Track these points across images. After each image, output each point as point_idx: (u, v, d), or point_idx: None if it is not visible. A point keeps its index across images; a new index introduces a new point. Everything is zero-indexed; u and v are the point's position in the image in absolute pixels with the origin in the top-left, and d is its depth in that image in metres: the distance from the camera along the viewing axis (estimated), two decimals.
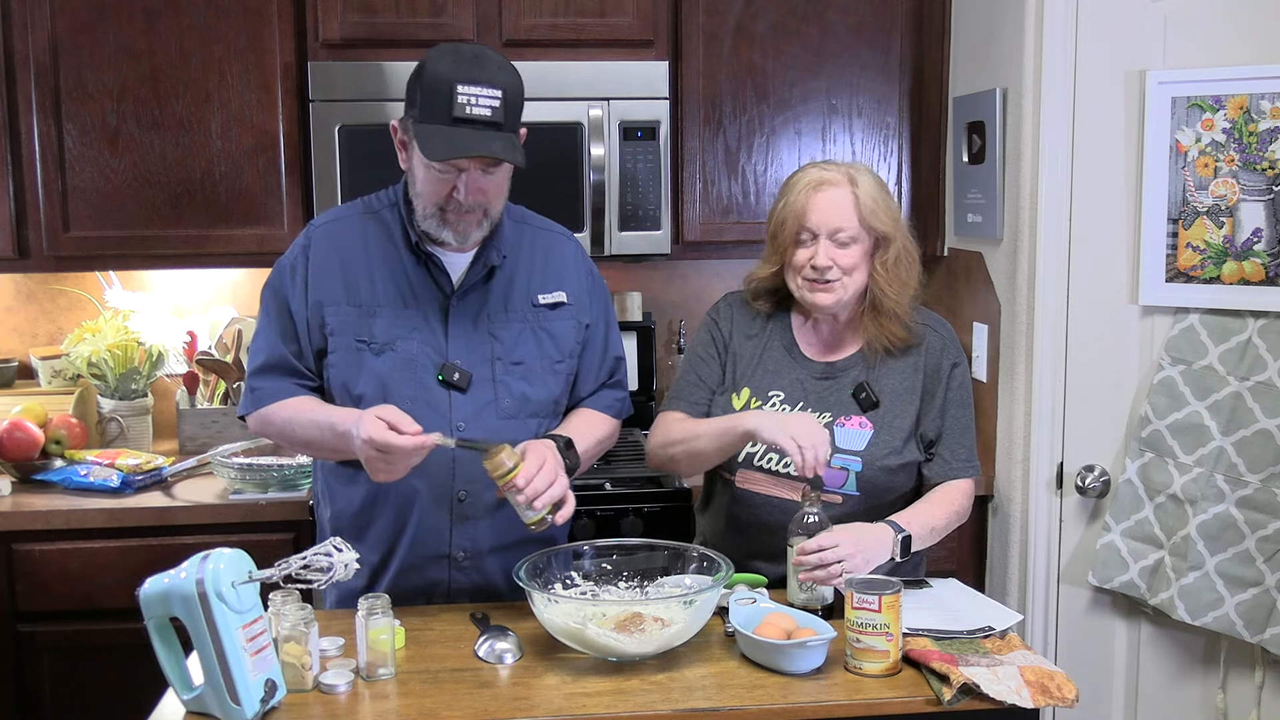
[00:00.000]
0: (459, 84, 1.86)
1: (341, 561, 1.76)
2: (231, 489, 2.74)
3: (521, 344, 2.06)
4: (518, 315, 2.07)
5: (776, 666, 1.73)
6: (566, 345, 2.10)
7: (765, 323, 2.19)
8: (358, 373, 2.01)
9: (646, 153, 2.91)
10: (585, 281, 2.15)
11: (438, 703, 1.65)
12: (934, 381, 2.12)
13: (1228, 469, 2.40)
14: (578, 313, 2.12)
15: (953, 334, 2.19)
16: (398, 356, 2.01)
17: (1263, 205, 2.36)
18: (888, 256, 2.05)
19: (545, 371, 2.08)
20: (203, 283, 3.25)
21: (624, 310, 3.30)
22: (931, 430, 2.12)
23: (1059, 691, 1.66)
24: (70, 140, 2.83)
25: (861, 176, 2.06)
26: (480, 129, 1.88)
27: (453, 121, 1.87)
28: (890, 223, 2.06)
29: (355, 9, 2.85)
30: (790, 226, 2.05)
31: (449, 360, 2.02)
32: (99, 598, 2.64)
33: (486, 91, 1.87)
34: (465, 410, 2.01)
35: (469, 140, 1.87)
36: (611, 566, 1.97)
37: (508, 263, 2.07)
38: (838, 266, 2.03)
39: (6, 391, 3.11)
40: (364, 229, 2.06)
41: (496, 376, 2.04)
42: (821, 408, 2.08)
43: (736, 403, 2.12)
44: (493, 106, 1.88)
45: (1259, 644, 2.39)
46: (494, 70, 1.90)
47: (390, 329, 2.01)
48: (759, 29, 2.99)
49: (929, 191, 3.09)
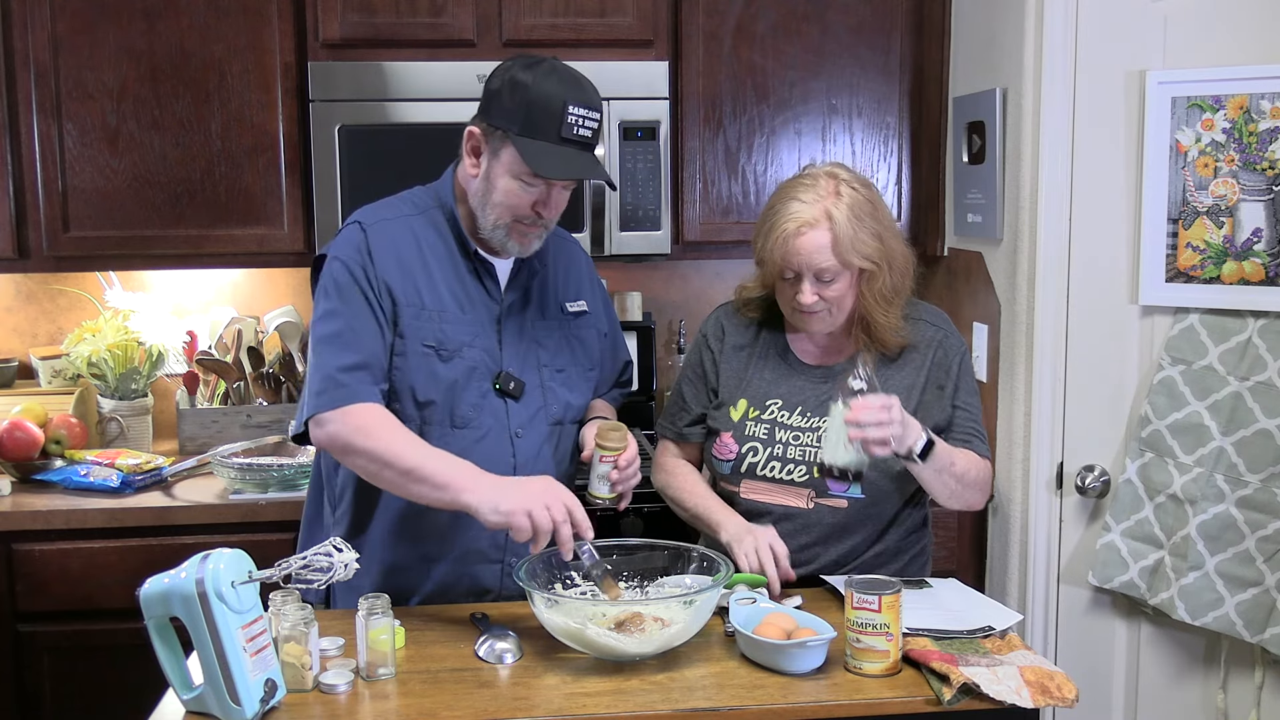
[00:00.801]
0: (571, 104, 1.88)
1: (341, 561, 1.76)
2: (231, 489, 2.74)
3: (562, 352, 2.10)
4: (555, 323, 2.10)
5: (776, 666, 1.73)
6: (594, 354, 2.15)
7: (758, 331, 2.18)
8: (427, 379, 1.98)
9: (646, 153, 2.91)
10: (595, 289, 2.20)
11: (438, 703, 1.65)
12: (942, 374, 2.10)
13: (1228, 469, 2.40)
14: (596, 321, 2.17)
15: (949, 323, 2.17)
16: (464, 363, 2.00)
17: (1263, 205, 2.36)
18: (875, 285, 2.02)
19: (581, 379, 2.12)
20: (203, 283, 3.25)
21: (624, 310, 3.30)
22: (942, 418, 2.10)
23: (1059, 691, 1.66)
24: (70, 140, 2.83)
25: (838, 208, 1.96)
26: (581, 150, 1.92)
27: (560, 140, 1.89)
28: (872, 252, 1.98)
29: (355, 9, 2.85)
30: (772, 268, 2.03)
31: (505, 368, 2.02)
32: (99, 598, 2.64)
33: (593, 114, 1.92)
34: (520, 418, 2.03)
35: (578, 161, 1.91)
36: (611, 566, 1.96)
37: (543, 268, 2.10)
38: (823, 300, 2.01)
39: (6, 391, 3.11)
40: (415, 230, 2.02)
41: (544, 383, 2.06)
42: (821, 412, 2.07)
43: (734, 414, 2.12)
44: (594, 128, 1.92)
45: (1259, 644, 2.39)
46: (593, 92, 1.94)
47: (457, 335, 2.00)
48: (759, 29, 2.99)
49: (929, 191, 3.09)
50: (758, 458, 2.08)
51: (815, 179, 2.01)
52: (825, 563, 2.08)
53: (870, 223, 1.99)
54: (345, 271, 1.95)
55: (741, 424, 2.10)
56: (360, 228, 1.99)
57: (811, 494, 2.06)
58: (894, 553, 2.13)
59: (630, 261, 3.20)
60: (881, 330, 2.06)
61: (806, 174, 2.04)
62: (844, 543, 2.08)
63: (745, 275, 2.22)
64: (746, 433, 2.09)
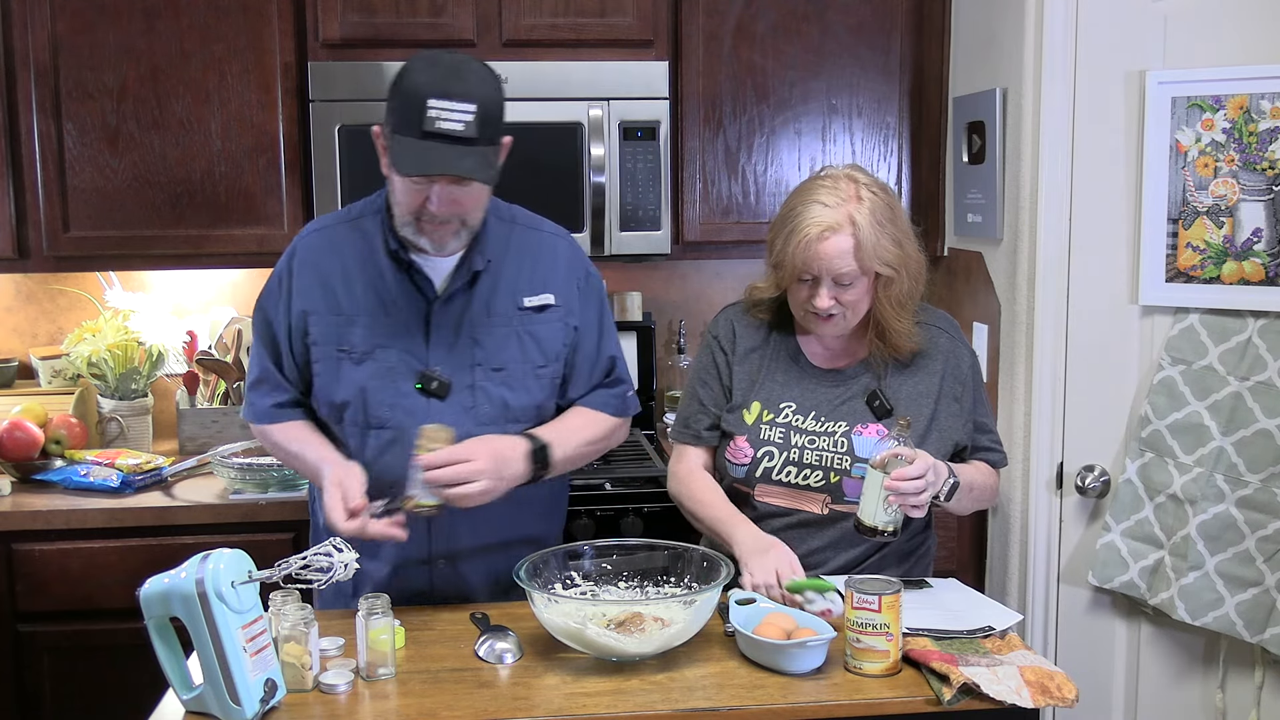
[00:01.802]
0: (431, 98, 1.84)
1: (341, 561, 1.76)
2: (231, 489, 2.74)
3: (505, 349, 2.04)
4: (501, 320, 2.05)
5: (776, 666, 1.73)
6: (552, 349, 2.07)
7: (768, 333, 2.16)
8: (338, 382, 2.02)
9: (646, 153, 2.91)
10: (576, 282, 2.11)
11: (438, 703, 1.65)
12: (958, 386, 2.10)
13: (1228, 469, 2.40)
14: (566, 315, 2.09)
15: (959, 330, 2.17)
16: (377, 365, 2.01)
17: (1263, 205, 2.36)
18: (891, 291, 2.01)
19: (527, 376, 2.05)
20: (203, 283, 3.25)
21: (624, 310, 3.30)
22: (965, 436, 2.12)
23: (1059, 691, 1.66)
24: (70, 140, 2.83)
25: (861, 212, 1.95)
26: (452, 143, 1.85)
27: (423, 135, 1.84)
28: (892, 258, 1.98)
29: (355, 9, 2.85)
30: (790, 271, 2.00)
31: (429, 368, 2.01)
32: (99, 598, 2.63)
33: (460, 106, 1.84)
34: (443, 417, 1.99)
35: (437, 156, 1.85)
36: (611, 566, 1.96)
37: (493, 266, 2.05)
38: (839, 304, 2.00)
39: (6, 391, 3.11)
40: (347, 237, 2.06)
41: (476, 383, 2.02)
42: (835, 417, 2.07)
43: (748, 417, 2.11)
44: (465, 121, 1.84)
45: (1259, 644, 2.39)
46: (472, 83, 1.87)
47: (370, 337, 2.01)
48: (759, 29, 2.99)
49: (929, 191, 3.09)
50: (773, 462, 2.07)
51: (836, 181, 2.00)
52: (834, 567, 2.08)
53: (890, 228, 1.98)
54: (265, 289, 2.10)
55: (756, 427, 2.09)
56: (295, 242, 2.11)
57: (827, 499, 2.06)
58: (900, 556, 2.13)
59: (630, 261, 3.20)
60: (895, 336, 2.05)
61: (826, 175, 2.03)
62: (856, 548, 2.08)
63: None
64: (761, 436, 2.08)
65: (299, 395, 2.10)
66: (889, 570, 2.09)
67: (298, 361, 2.06)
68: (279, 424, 2.10)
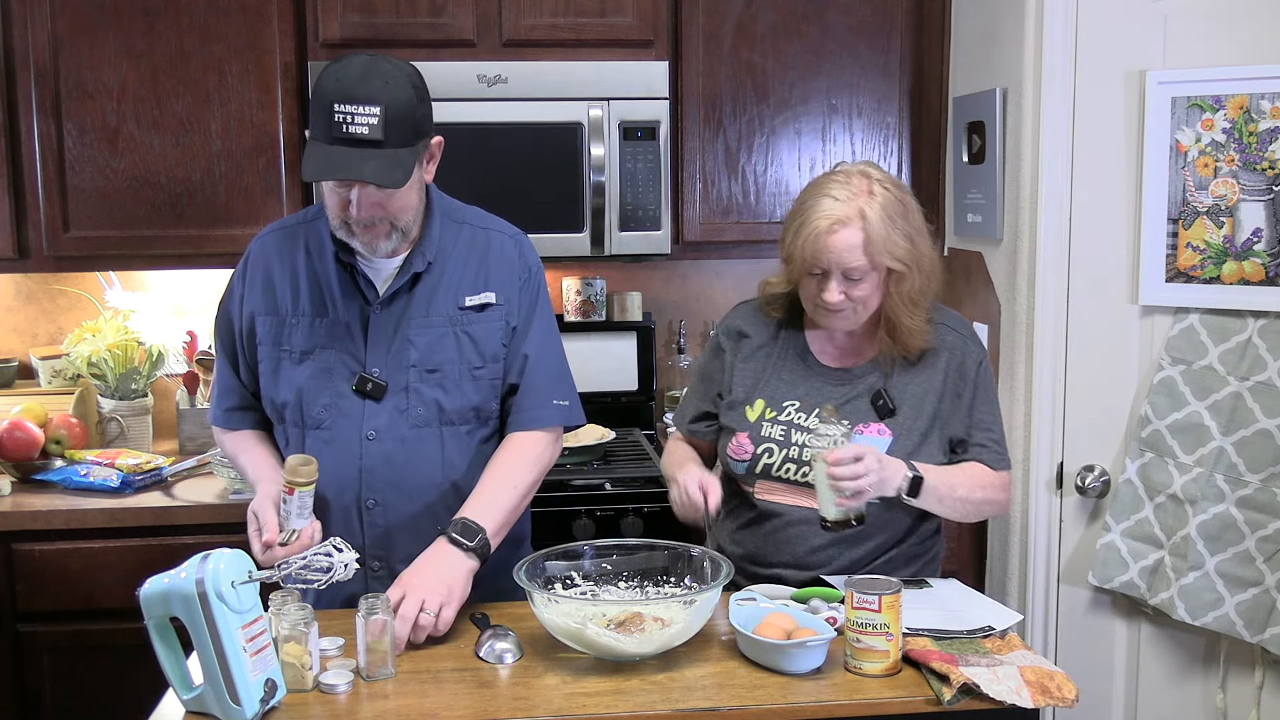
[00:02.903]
0: (336, 101, 1.83)
1: (341, 561, 1.77)
2: (231, 489, 2.75)
3: (439, 350, 2.03)
4: (440, 320, 2.03)
5: (776, 666, 1.73)
6: (489, 349, 2.05)
7: (778, 330, 2.15)
8: (281, 382, 2.04)
9: (646, 153, 2.91)
10: (518, 280, 2.08)
11: (438, 703, 1.65)
12: (960, 382, 2.09)
13: (1228, 469, 2.40)
14: (507, 314, 2.06)
15: (971, 330, 2.16)
16: (315, 365, 2.02)
17: (1263, 205, 2.36)
18: (902, 287, 2.01)
19: (463, 378, 2.03)
20: (203, 283, 3.25)
21: (624, 310, 3.30)
22: (960, 429, 2.09)
23: (1059, 691, 1.66)
24: (70, 140, 2.83)
25: (872, 207, 1.94)
26: (359, 147, 1.84)
27: (331, 140, 1.84)
28: (903, 253, 1.98)
29: (355, 9, 2.85)
30: (800, 264, 2.00)
31: (367, 369, 2.01)
32: (99, 598, 2.64)
33: (364, 109, 1.82)
34: (378, 419, 2.01)
35: (340, 160, 1.84)
36: (611, 566, 1.96)
37: (436, 266, 2.04)
38: (849, 298, 1.99)
39: (6, 391, 3.11)
40: (296, 239, 2.08)
41: (410, 384, 2.02)
42: (841, 415, 2.07)
43: (750, 414, 2.10)
44: (370, 124, 1.82)
45: (1259, 644, 2.39)
46: (377, 86, 1.84)
47: (309, 338, 2.03)
48: (759, 29, 2.99)
49: (929, 192, 3.09)
50: (773, 459, 2.07)
51: (849, 176, 1.99)
52: (840, 566, 2.07)
53: (902, 223, 1.98)
54: (224, 293, 2.14)
55: (758, 424, 2.09)
56: (250, 245, 2.13)
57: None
58: (908, 558, 2.12)
59: (630, 261, 3.20)
60: (906, 333, 2.05)
61: (839, 171, 2.03)
62: (860, 547, 2.07)
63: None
64: (762, 433, 2.08)
65: (252, 399, 2.12)
66: (895, 573, 2.07)
67: (248, 363, 2.09)
68: (230, 432, 2.15)
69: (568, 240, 2.90)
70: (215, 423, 2.17)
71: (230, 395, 2.12)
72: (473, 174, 2.82)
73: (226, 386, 2.13)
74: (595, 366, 3.27)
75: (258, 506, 1.95)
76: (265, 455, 2.10)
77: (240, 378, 2.11)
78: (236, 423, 2.14)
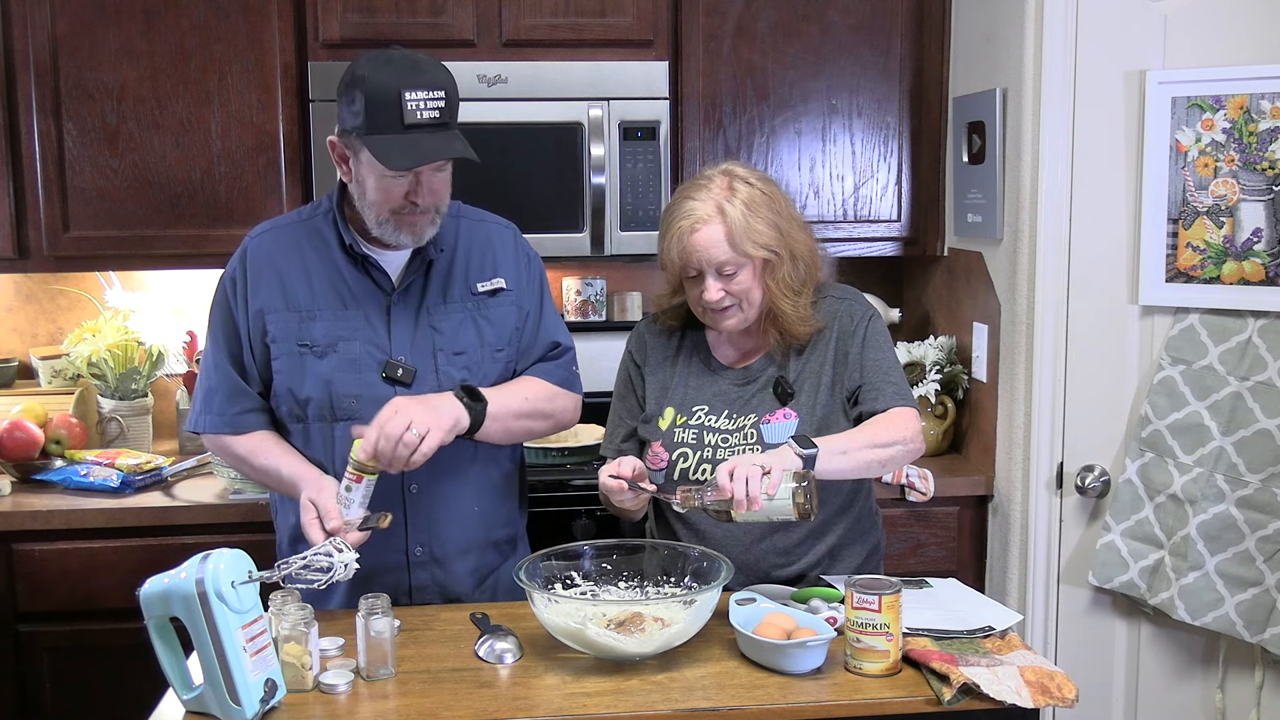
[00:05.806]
0: (405, 90, 1.88)
1: (341, 561, 1.77)
2: (231, 489, 2.75)
3: (462, 334, 2.08)
4: (457, 305, 2.08)
5: (776, 666, 1.73)
6: (506, 332, 2.11)
7: (680, 341, 2.19)
8: (302, 377, 2.04)
9: (646, 153, 2.91)
10: (522, 268, 2.15)
11: (438, 703, 1.65)
12: (847, 341, 2.09)
13: (1228, 469, 2.40)
14: (518, 299, 2.13)
15: (859, 296, 2.16)
16: (341, 358, 2.03)
17: (1263, 205, 2.36)
18: (777, 275, 2.03)
19: (486, 360, 2.09)
20: (203, 283, 3.25)
21: (624, 310, 3.30)
22: (853, 381, 2.08)
23: (1059, 691, 1.66)
24: (70, 140, 2.83)
25: (732, 203, 1.99)
26: (432, 131, 1.90)
27: (405, 129, 1.88)
28: (770, 241, 2.00)
29: (355, 9, 2.85)
30: (675, 269, 2.05)
31: (393, 357, 2.03)
32: (99, 598, 2.64)
33: (432, 95, 1.90)
34: None
35: (428, 145, 1.90)
36: (611, 566, 1.96)
37: (444, 256, 2.09)
38: (729, 295, 2.02)
39: (6, 391, 3.11)
40: (298, 236, 2.09)
41: (439, 368, 2.05)
42: (745, 411, 2.08)
43: (663, 423, 2.12)
44: (439, 108, 1.90)
45: (1259, 644, 2.39)
46: (434, 71, 1.92)
47: (331, 331, 2.04)
48: (759, 29, 2.99)
49: (929, 191, 3.09)
50: (688, 463, 2.08)
51: (709, 179, 2.05)
52: (774, 561, 2.07)
53: (766, 213, 2.01)
54: (219, 292, 2.11)
55: (670, 432, 2.11)
56: (244, 244, 2.12)
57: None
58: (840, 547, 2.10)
59: (630, 261, 3.20)
60: (789, 321, 2.07)
61: (701, 175, 2.08)
62: (790, 534, 2.06)
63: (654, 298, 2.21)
64: (675, 440, 2.10)
65: (260, 400, 2.10)
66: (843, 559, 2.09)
67: (258, 362, 2.08)
68: (243, 435, 2.08)
69: (568, 240, 2.91)
70: (216, 429, 2.09)
71: (239, 398, 2.08)
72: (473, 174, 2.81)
73: (233, 390, 2.08)
74: (595, 366, 3.25)
75: (315, 496, 1.92)
76: (293, 451, 2.07)
77: (248, 379, 2.09)
78: (249, 425, 2.09)
